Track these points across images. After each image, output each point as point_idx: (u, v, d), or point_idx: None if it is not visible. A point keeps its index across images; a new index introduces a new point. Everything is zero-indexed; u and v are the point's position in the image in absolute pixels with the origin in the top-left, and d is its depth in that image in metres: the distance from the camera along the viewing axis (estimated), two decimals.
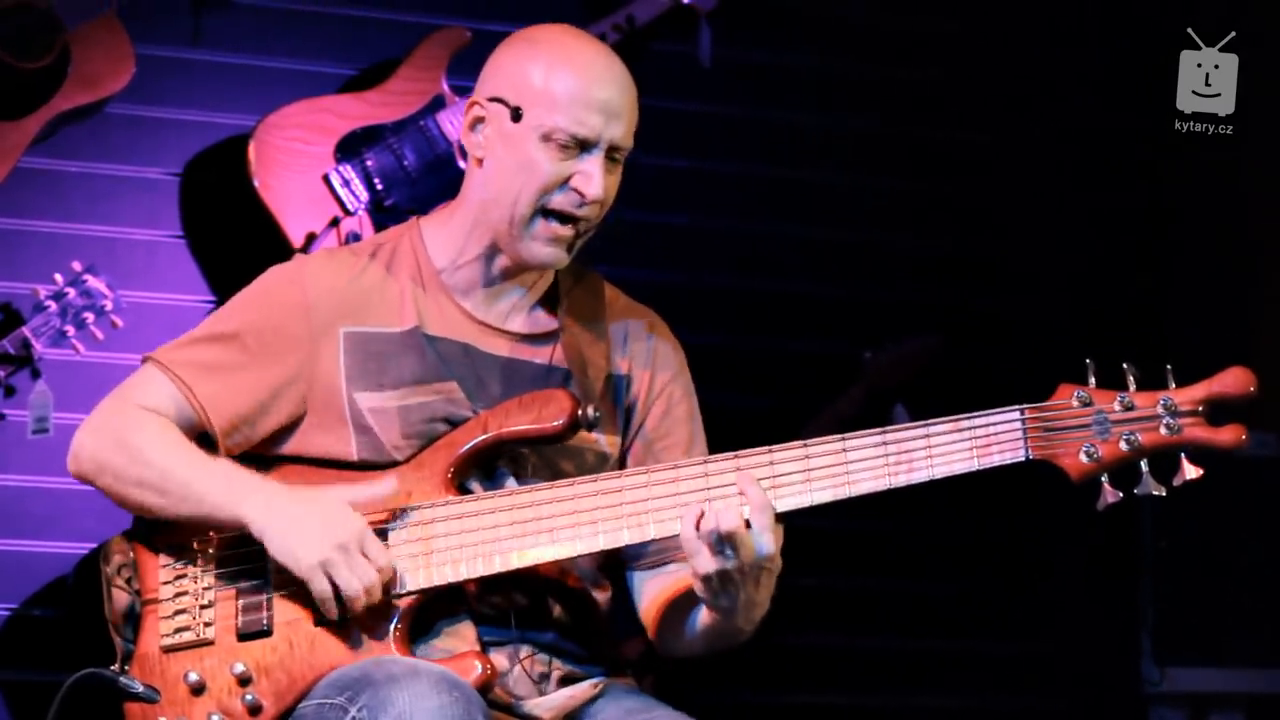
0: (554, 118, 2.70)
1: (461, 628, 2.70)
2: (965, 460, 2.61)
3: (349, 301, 2.78)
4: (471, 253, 2.81)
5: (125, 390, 2.78)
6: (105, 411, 2.77)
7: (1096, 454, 2.58)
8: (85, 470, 2.75)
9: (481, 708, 2.52)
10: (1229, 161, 4.54)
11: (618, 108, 2.72)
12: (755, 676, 4.55)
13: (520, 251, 2.76)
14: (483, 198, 2.78)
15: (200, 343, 2.78)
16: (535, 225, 2.74)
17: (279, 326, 2.76)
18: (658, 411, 2.88)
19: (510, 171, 2.73)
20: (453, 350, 2.78)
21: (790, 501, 2.63)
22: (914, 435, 2.62)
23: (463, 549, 2.67)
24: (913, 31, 4.82)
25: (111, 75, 4.00)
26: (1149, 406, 2.58)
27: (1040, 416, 2.60)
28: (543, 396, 2.72)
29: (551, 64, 2.73)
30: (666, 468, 2.69)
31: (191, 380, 2.74)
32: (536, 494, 2.69)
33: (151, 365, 2.77)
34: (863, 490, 2.63)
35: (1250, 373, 2.57)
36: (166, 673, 2.69)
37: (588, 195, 2.72)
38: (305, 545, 2.63)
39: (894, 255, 4.80)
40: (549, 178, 2.71)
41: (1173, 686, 4.67)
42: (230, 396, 2.74)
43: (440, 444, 2.73)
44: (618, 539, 2.67)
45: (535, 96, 2.71)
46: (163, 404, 2.74)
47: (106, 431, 2.74)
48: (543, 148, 2.71)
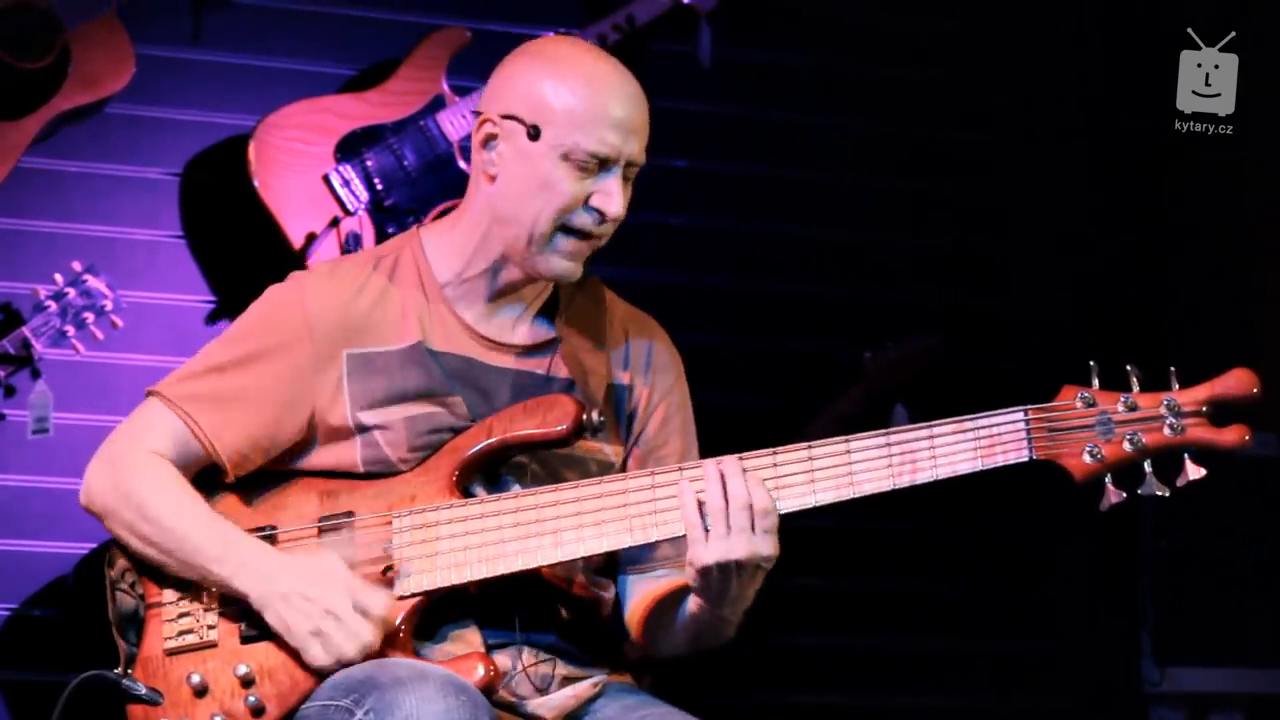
0: (574, 137, 2.68)
1: (466, 630, 2.70)
2: (969, 461, 2.61)
3: (350, 321, 2.77)
4: (478, 267, 2.80)
5: (132, 429, 2.77)
6: (113, 451, 2.76)
7: (1100, 454, 2.58)
8: (95, 510, 2.76)
9: (488, 710, 2.52)
10: (1229, 161, 4.54)
11: (634, 125, 2.72)
12: (755, 676, 4.55)
13: (538, 265, 2.75)
14: (496, 214, 2.76)
15: (203, 374, 2.77)
16: (557, 241, 2.73)
17: (282, 353, 2.75)
18: (657, 419, 2.88)
19: (529, 191, 2.72)
20: (456, 365, 2.78)
21: (794, 503, 2.63)
22: (918, 436, 2.62)
23: (467, 551, 2.67)
24: (913, 31, 4.82)
25: (111, 75, 4.00)
26: (1152, 407, 2.59)
27: (1044, 417, 2.60)
28: (547, 401, 2.72)
29: (568, 81, 2.71)
30: (670, 469, 2.69)
31: (196, 414, 2.73)
32: (540, 497, 2.69)
33: (156, 400, 2.76)
34: (867, 491, 2.63)
35: (1253, 374, 2.58)
36: (169, 675, 2.69)
37: (609, 214, 2.72)
38: (296, 616, 2.63)
39: (894, 255, 4.80)
40: (569, 198, 2.70)
41: (1173, 686, 4.67)
42: (236, 427, 2.73)
43: (445, 448, 2.73)
44: (621, 541, 2.67)
45: (553, 115, 2.70)
46: (168, 440, 2.73)
47: (115, 478, 2.73)
48: (562, 166, 2.70)
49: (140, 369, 4.05)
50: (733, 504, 2.60)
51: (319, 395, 2.75)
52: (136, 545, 2.73)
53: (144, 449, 2.73)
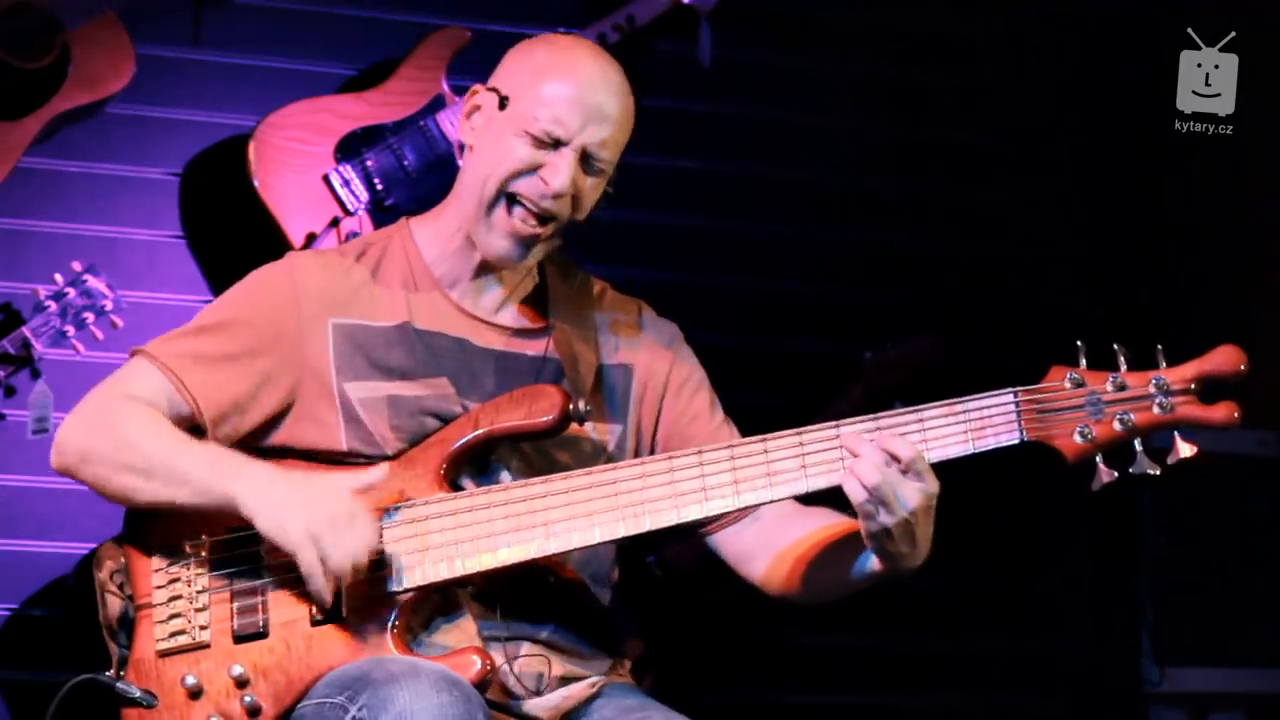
0: (534, 110, 2.74)
1: (459, 624, 2.70)
2: (960, 444, 2.62)
3: (337, 295, 2.80)
4: (457, 241, 2.84)
5: (113, 382, 2.78)
6: (91, 402, 2.76)
7: (1091, 434, 2.59)
8: (69, 462, 2.74)
9: (481, 706, 2.53)
10: (1229, 161, 4.54)
11: (601, 115, 2.75)
12: (755, 676, 4.55)
13: (480, 240, 2.79)
14: (465, 182, 2.82)
15: (189, 335, 2.79)
16: (497, 211, 2.76)
17: (268, 316, 2.78)
18: (672, 392, 2.91)
19: (486, 155, 2.78)
20: (444, 344, 2.80)
21: (788, 489, 2.63)
22: (907, 419, 2.62)
23: (458, 545, 2.67)
24: (913, 31, 4.82)
25: (111, 75, 4.00)
26: (1141, 386, 2.60)
27: (1033, 398, 2.61)
28: (533, 391, 2.74)
29: (549, 62, 2.78)
30: (661, 459, 2.69)
31: (181, 370, 2.74)
32: (530, 489, 2.70)
33: (140, 358, 2.78)
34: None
35: (1240, 350, 2.58)
36: (163, 677, 2.70)
37: (551, 186, 2.74)
38: (294, 516, 2.61)
39: (894, 255, 4.80)
40: (517, 163, 2.75)
41: (1173, 686, 4.67)
42: (220, 385, 2.74)
43: (432, 441, 2.74)
44: (614, 531, 2.67)
45: (523, 88, 2.77)
46: (151, 394, 2.73)
47: (91, 420, 2.73)
48: (521, 136, 2.75)
49: None
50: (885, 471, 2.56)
51: (305, 362, 2.76)
52: (117, 480, 2.69)
53: (123, 395, 2.73)
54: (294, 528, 2.62)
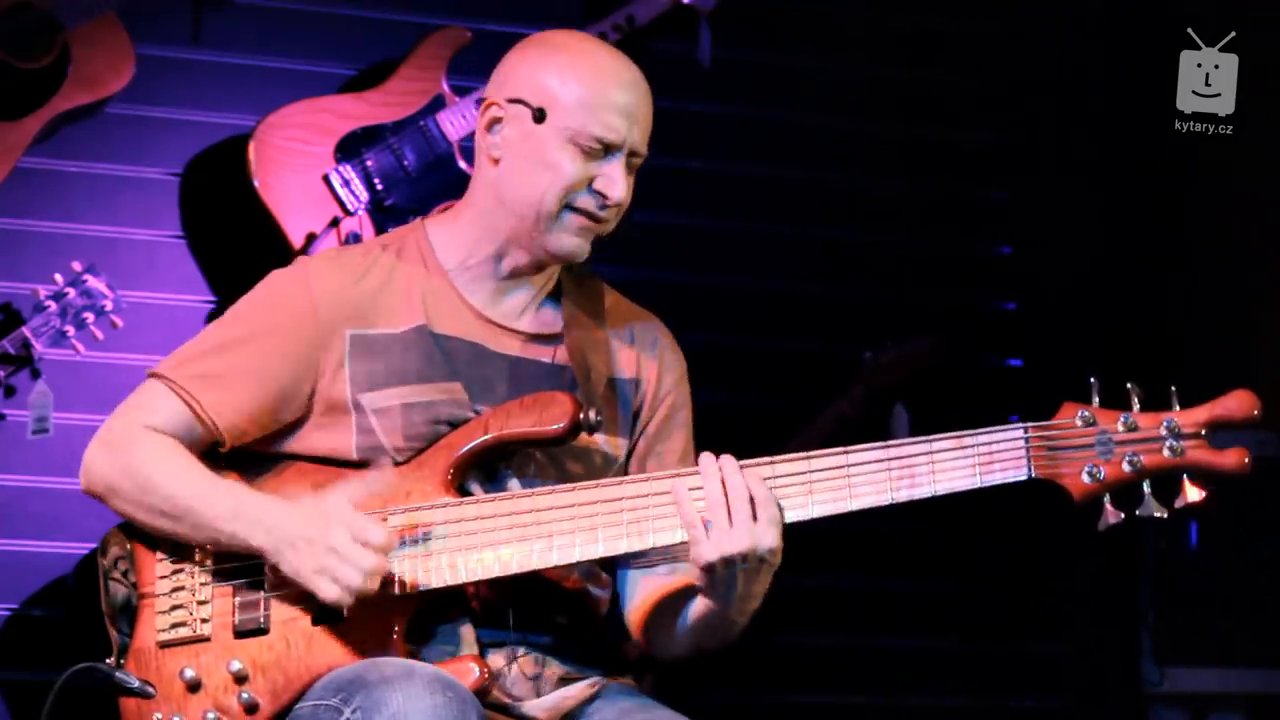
0: (579, 120, 2.71)
1: (460, 629, 2.70)
2: (968, 477, 2.60)
3: (354, 303, 2.78)
4: (483, 252, 2.81)
5: (131, 409, 2.77)
6: (112, 431, 2.76)
7: (1099, 474, 2.57)
8: (96, 491, 2.76)
9: (476, 707, 2.52)
10: (1229, 161, 4.54)
11: (638, 113, 2.75)
12: (755, 677, 4.55)
13: (547, 244, 2.76)
14: (500, 197, 2.78)
15: (204, 354, 2.78)
16: (565, 218, 2.75)
17: (284, 330, 2.76)
18: (661, 414, 2.89)
19: (534, 171, 2.74)
20: (460, 349, 2.78)
21: (790, 514, 2.63)
22: (918, 451, 2.61)
23: (461, 551, 2.67)
24: (913, 31, 4.82)
25: (111, 75, 4.00)
26: (1152, 428, 2.57)
27: (1043, 435, 2.59)
28: (545, 398, 2.72)
29: (575, 68, 2.74)
30: (667, 475, 2.68)
31: (197, 392, 2.73)
32: (536, 498, 2.69)
33: (156, 381, 2.77)
34: (864, 504, 2.62)
35: (1254, 396, 2.56)
36: (162, 669, 2.69)
37: (610, 198, 2.73)
38: (302, 559, 2.62)
39: (894, 255, 4.80)
40: (573, 178, 2.73)
41: (1173, 686, 4.67)
42: (236, 404, 2.74)
43: (440, 445, 2.73)
44: (617, 546, 2.66)
45: (559, 99, 2.73)
46: (168, 420, 2.73)
47: (114, 455, 2.74)
48: (567, 149, 2.72)
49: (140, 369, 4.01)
50: (732, 496, 2.59)
51: (320, 374, 2.75)
52: (143, 518, 2.72)
53: (142, 426, 2.73)
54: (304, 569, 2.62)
